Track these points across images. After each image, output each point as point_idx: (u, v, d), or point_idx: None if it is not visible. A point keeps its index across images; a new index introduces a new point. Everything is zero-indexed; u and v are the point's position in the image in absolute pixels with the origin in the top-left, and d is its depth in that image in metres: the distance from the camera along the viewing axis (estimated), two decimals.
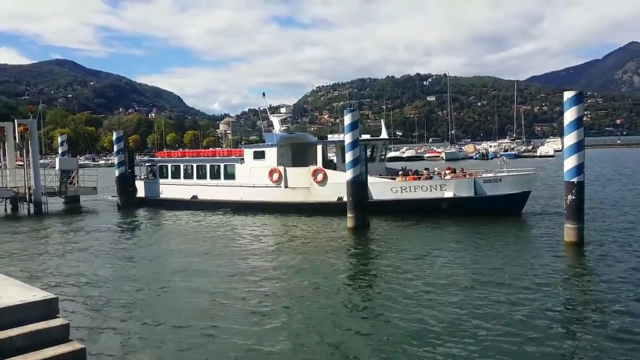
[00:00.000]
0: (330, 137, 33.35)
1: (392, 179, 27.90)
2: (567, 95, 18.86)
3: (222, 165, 32.43)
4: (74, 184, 37.70)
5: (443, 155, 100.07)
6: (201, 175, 33.44)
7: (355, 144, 23.47)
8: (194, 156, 35.82)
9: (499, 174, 26.00)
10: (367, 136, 33.04)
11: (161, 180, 35.20)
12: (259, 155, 30.90)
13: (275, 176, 29.71)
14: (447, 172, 27.86)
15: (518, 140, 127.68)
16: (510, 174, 26.20)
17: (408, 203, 26.10)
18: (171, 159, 36.18)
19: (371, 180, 26.12)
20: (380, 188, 26.81)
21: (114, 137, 37.48)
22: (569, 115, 18.50)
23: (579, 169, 18.36)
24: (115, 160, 37.00)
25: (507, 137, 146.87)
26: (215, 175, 32.71)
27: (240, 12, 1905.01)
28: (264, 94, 35.59)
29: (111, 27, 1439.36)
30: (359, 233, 22.40)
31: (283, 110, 35.98)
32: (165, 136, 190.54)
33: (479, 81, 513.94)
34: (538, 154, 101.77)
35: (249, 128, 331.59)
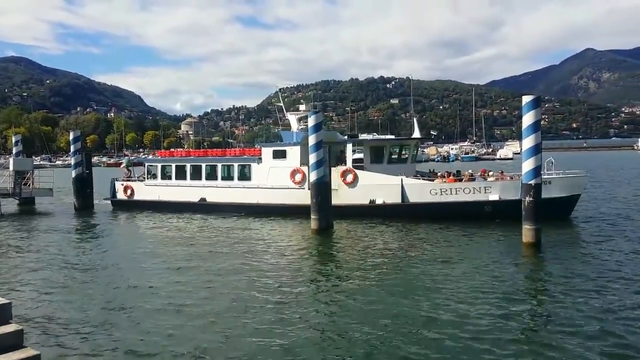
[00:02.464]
0: (362, 136, 31.10)
1: (430, 180, 26.39)
2: (526, 99, 19.35)
3: (235, 165, 30.21)
4: (29, 185, 36.47)
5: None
6: (211, 176, 31.12)
7: (319, 145, 23.47)
8: (201, 155, 33.57)
9: (548, 176, 24.10)
10: (386, 136, 31.59)
11: (163, 182, 32.83)
12: (280, 155, 28.74)
13: (298, 177, 27.74)
14: (491, 173, 26.54)
15: (478, 143, 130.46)
16: (560, 176, 24.66)
17: (448, 206, 24.55)
18: (175, 158, 33.86)
19: (407, 181, 25.61)
20: (417, 190, 25.40)
21: (71, 137, 36.44)
22: (527, 119, 18.99)
23: (537, 171, 18.88)
24: (72, 160, 35.87)
25: (468, 140, 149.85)
26: (227, 176, 30.54)
27: (203, 11, 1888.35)
28: (279, 89, 34.37)
29: (67, 24, 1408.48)
30: (322, 235, 22.39)
31: (302, 107, 33.19)
32: (125, 136, 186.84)
33: (441, 85, 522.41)
34: (498, 156, 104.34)
35: (212, 129, 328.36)
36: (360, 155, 29.35)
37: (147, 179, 34.06)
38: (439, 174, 27.44)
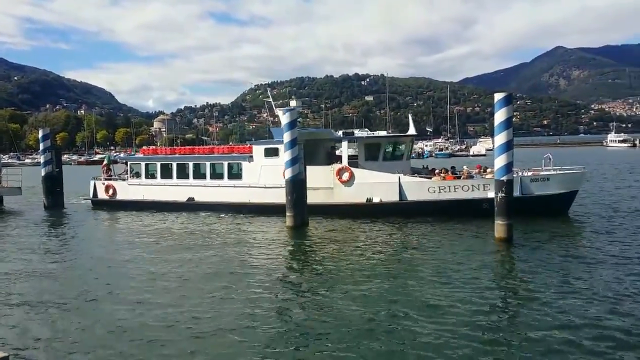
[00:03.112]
0: (356, 132, 30.00)
1: (428, 178, 26.08)
2: (498, 97, 19.57)
3: (225, 163, 29.29)
4: None
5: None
6: (199, 175, 30.24)
7: (293, 142, 23.41)
8: (188, 153, 32.26)
9: (546, 173, 24.53)
10: (382, 133, 30.76)
11: (147, 181, 31.69)
12: (272, 153, 27.83)
13: None
14: (489, 170, 26.17)
15: (452, 140, 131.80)
16: (558, 172, 24.75)
17: (446, 204, 24.30)
18: (160, 156, 32.34)
19: (405, 179, 25.35)
20: (415, 188, 25.11)
21: (40, 134, 35.53)
22: (499, 116, 19.22)
23: (508, 167, 19.13)
24: (42, 159, 35.12)
25: (442, 137, 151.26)
26: (217, 174, 29.62)
27: (175, 7, 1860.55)
28: (267, 85, 33.35)
29: (35, 19, 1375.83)
30: (297, 232, 22.38)
31: (293, 103, 32.05)
32: (96, 134, 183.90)
33: (415, 82, 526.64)
34: (471, 153, 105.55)
35: (185, 126, 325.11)
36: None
37: (130, 177, 32.91)
38: (436, 171, 27.11)
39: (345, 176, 26.15)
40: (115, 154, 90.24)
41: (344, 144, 27.29)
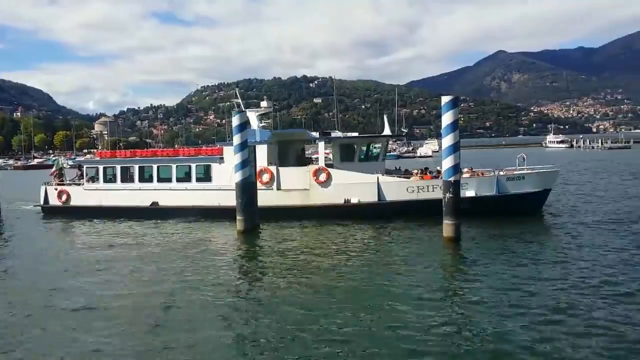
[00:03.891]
0: (333, 134, 29.63)
1: (406, 178, 26.02)
2: (445, 99, 19.99)
3: (193, 165, 28.08)
4: None
5: (331, 156, 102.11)
6: (164, 178, 28.80)
7: (244, 145, 23.18)
8: (150, 156, 30.69)
9: (521, 172, 25.05)
10: (354, 134, 30.36)
11: (106, 185, 29.93)
12: None
13: (266, 177, 26.39)
14: (465, 170, 26.18)
15: (399, 142, 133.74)
16: (532, 171, 25.31)
17: (425, 204, 23.87)
18: (120, 159, 30.48)
19: (383, 179, 25.17)
20: (394, 188, 24.91)
21: None
22: (446, 118, 19.65)
23: (455, 169, 19.59)
24: None
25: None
26: (184, 177, 28.36)
27: (116, 6, 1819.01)
28: (236, 87, 32.76)
29: None
30: (248, 236, 22.16)
31: (264, 104, 31.43)
32: (34, 137, 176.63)
33: (363, 85, 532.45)
34: (418, 154, 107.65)
35: (128, 128, 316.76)
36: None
37: (86, 182, 30.84)
38: (414, 171, 26.96)
39: (322, 177, 25.77)
40: (65, 158, 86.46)
41: (321, 144, 26.99)
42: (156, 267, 16.96)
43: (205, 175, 27.97)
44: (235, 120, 23.58)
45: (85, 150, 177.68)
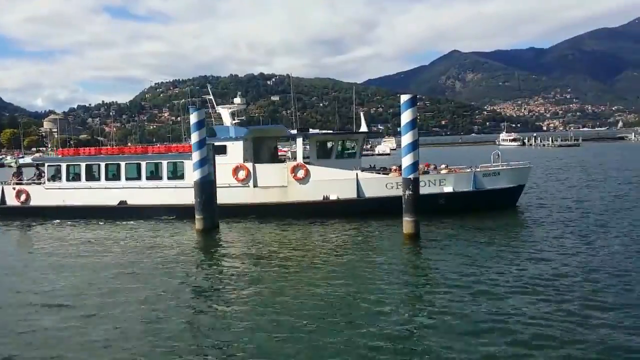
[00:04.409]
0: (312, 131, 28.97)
1: (385, 174, 25.98)
2: (404, 98, 20.20)
3: (164, 162, 27.10)
4: None
5: (289, 154, 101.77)
6: (133, 176, 27.84)
7: (202, 143, 22.86)
8: (118, 153, 29.33)
9: (496, 168, 25.58)
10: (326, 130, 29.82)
11: (69, 184, 28.60)
12: (219, 150, 25.97)
13: (242, 174, 25.91)
14: (443, 166, 26.96)
15: None
16: (507, 167, 25.85)
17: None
18: (86, 156, 29.11)
19: (363, 176, 24.94)
20: (373, 185, 24.84)
21: None
22: (405, 116, 19.88)
23: (415, 166, 19.85)
24: None
25: None
26: (154, 175, 27.45)
27: (67, 0, 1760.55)
28: (208, 83, 31.85)
29: None
30: (207, 235, 21.90)
31: (237, 100, 30.77)
32: None
33: (320, 83, 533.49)
34: (376, 152, 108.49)
35: (79, 126, 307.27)
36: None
37: (48, 181, 29.35)
38: (393, 167, 26.75)
39: (301, 173, 25.42)
40: (13, 157, 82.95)
41: (299, 140, 26.68)
42: (105, 267, 16.70)
43: (178, 173, 27.21)
44: (194, 118, 23.25)
45: (34, 149, 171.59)
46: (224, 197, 25.19)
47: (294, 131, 28.36)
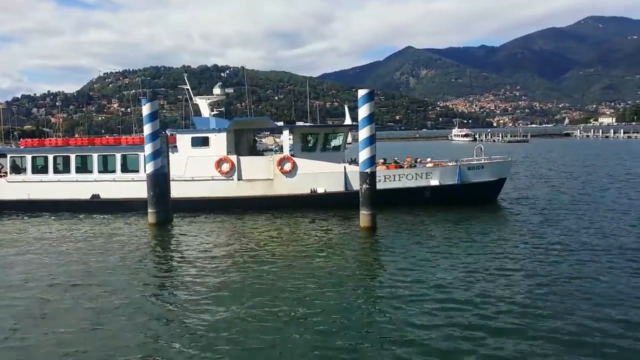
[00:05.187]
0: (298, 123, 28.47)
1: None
2: (361, 92, 20.27)
3: (141, 154, 25.27)
4: None
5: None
6: (106, 169, 26.56)
7: (155, 135, 22.29)
8: (88, 144, 27.75)
9: (480, 162, 26.17)
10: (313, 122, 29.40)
11: (35, 177, 26.90)
12: (201, 142, 25.46)
13: (226, 167, 25.13)
14: (428, 160, 27.29)
15: None
16: (490, 161, 26.54)
17: (392, 193, 24.01)
18: (54, 148, 27.50)
19: (350, 169, 24.47)
20: None
21: None
22: (363, 111, 19.92)
23: (372, 160, 19.96)
24: None
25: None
26: (129, 167, 26.13)
27: None
28: (185, 72, 30.81)
29: None
30: (160, 229, 21.44)
31: (217, 91, 29.77)
32: None
33: (276, 76, 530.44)
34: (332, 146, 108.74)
35: (23, 116, 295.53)
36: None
37: (10, 173, 27.51)
38: (380, 161, 26.26)
39: (288, 166, 25.02)
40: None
41: (285, 133, 26.10)
42: (48, 261, 16.34)
43: None
44: (146, 109, 22.62)
45: None
46: (206, 190, 24.80)
47: (280, 123, 27.94)
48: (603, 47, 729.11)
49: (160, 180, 22.43)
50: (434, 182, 24.88)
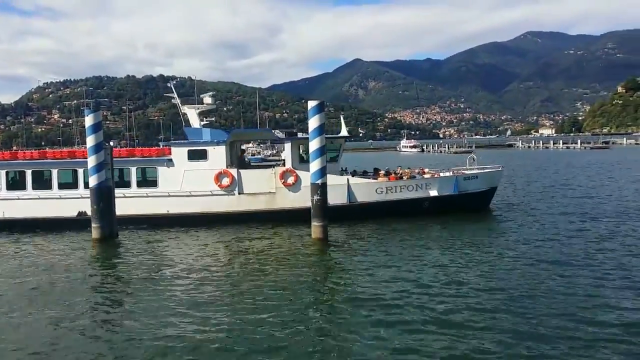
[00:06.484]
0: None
1: (374, 179, 25.49)
2: (311, 104, 20.26)
3: (133, 169, 24.50)
4: None
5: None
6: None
7: (99, 147, 21.48)
8: (69, 157, 25.61)
9: (474, 171, 26.67)
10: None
11: (10, 194, 24.85)
12: (198, 155, 24.50)
13: (226, 180, 24.25)
14: (426, 170, 27.49)
15: (263, 145, 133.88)
16: (483, 170, 27.14)
17: (393, 204, 24.14)
18: (33, 161, 25.27)
19: (353, 181, 24.13)
20: (363, 190, 24.37)
21: None
22: (313, 122, 19.92)
23: (322, 171, 19.92)
24: None
25: (252, 142, 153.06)
26: (121, 182, 24.63)
27: None
28: (169, 81, 29.32)
29: None
30: (105, 244, 20.67)
31: (207, 100, 28.35)
32: None
33: (224, 86, 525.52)
34: (282, 157, 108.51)
35: None
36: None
37: None
38: (381, 172, 26.63)
39: (291, 180, 24.29)
40: None
41: (287, 145, 25.09)
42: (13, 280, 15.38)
43: (150, 180, 25.01)
44: (89, 120, 21.78)
45: None
46: (204, 205, 23.96)
47: (281, 134, 27.02)
48: (542, 61, 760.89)
49: (104, 193, 21.59)
50: (433, 192, 25.03)
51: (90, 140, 21.51)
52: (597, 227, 21.18)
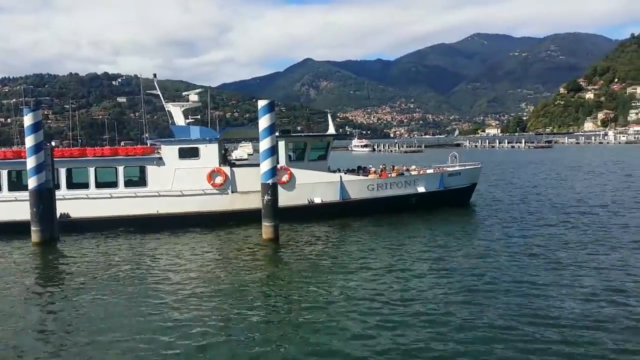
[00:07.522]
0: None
1: (365, 176, 26.04)
2: (261, 103, 20.08)
3: (120, 168, 23.59)
4: None
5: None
6: (78, 184, 23.90)
7: (39, 147, 20.57)
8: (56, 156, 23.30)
9: (456, 168, 27.53)
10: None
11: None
12: (190, 154, 23.79)
13: (219, 179, 23.65)
14: (413, 167, 28.25)
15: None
16: (464, 167, 27.96)
17: (383, 201, 24.73)
18: (8, 161, 23.58)
19: (346, 178, 24.27)
20: (356, 187, 24.70)
21: None
22: (264, 122, 19.72)
23: (273, 171, 19.74)
24: None
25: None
26: (106, 182, 23.85)
27: None
28: (154, 75, 27.55)
29: None
30: (44, 249, 19.82)
31: (193, 97, 27.84)
32: None
33: (172, 85, 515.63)
34: (233, 157, 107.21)
35: None
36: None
37: None
38: (372, 169, 27.35)
39: (285, 177, 23.82)
40: None
41: (281, 143, 24.22)
42: None
43: (139, 179, 24.13)
44: (28, 120, 20.86)
45: None
46: (197, 205, 23.36)
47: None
48: (488, 63, 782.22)
49: (45, 195, 20.68)
50: (421, 189, 25.72)
51: (29, 141, 20.60)
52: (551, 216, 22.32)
